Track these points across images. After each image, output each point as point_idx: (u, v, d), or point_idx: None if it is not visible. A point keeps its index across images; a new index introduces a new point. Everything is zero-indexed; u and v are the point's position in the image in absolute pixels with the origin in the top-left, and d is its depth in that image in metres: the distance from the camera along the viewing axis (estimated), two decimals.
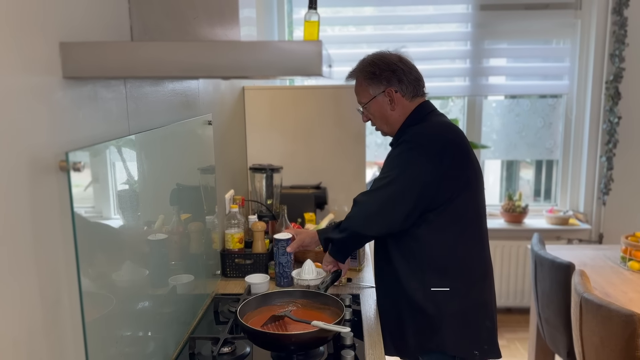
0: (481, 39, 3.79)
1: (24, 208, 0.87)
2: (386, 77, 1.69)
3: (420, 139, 1.63)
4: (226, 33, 1.19)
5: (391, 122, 1.74)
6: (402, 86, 1.70)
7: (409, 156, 1.62)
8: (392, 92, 1.69)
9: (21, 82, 0.86)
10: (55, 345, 0.97)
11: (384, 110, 1.72)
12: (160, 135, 1.42)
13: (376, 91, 1.71)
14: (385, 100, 1.71)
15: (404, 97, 1.71)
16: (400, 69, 1.70)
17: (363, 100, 1.75)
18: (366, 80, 1.72)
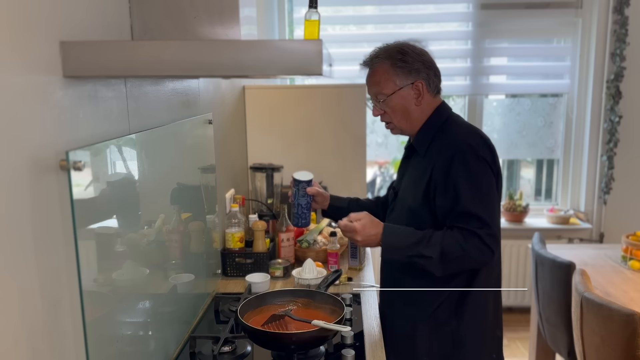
0: (482, 38, 3.79)
1: (25, 207, 0.87)
2: (417, 68, 1.54)
3: (478, 146, 1.50)
4: (226, 32, 1.18)
5: (413, 119, 1.58)
6: (429, 80, 1.57)
7: (478, 167, 1.49)
8: (421, 85, 1.55)
9: (22, 81, 0.86)
10: (56, 344, 0.97)
11: (408, 104, 1.56)
12: (161, 134, 1.42)
13: (404, 82, 1.54)
14: (411, 93, 1.55)
15: (429, 93, 1.58)
16: (430, 61, 1.58)
17: (385, 91, 1.55)
18: (394, 69, 1.54)
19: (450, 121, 1.59)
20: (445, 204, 1.49)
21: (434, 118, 1.59)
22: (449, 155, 1.49)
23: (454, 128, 1.57)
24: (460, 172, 1.47)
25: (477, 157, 1.48)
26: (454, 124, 1.58)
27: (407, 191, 1.64)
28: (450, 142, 1.52)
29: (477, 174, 1.48)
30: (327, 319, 1.45)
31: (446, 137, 1.54)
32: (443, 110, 1.61)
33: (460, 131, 1.56)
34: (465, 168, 1.47)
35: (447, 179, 1.48)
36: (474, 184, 1.47)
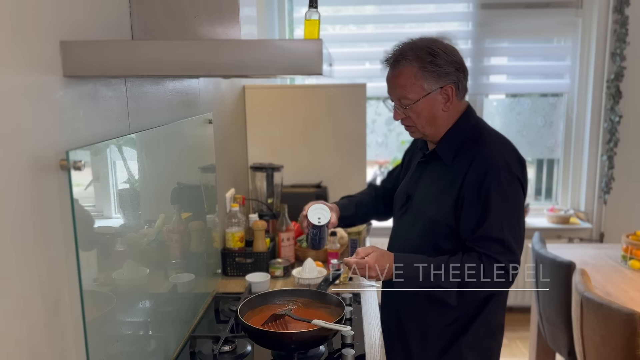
0: (482, 38, 3.78)
1: (25, 207, 0.88)
2: (448, 71, 1.42)
3: (513, 163, 1.43)
4: (226, 32, 1.18)
5: (439, 125, 1.48)
6: (459, 84, 1.46)
7: (510, 188, 1.41)
8: (451, 90, 1.44)
9: (22, 80, 0.86)
10: (56, 343, 0.97)
11: (435, 110, 1.45)
12: (161, 134, 1.42)
13: (432, 87, 1.42)
14: (439, 98, 1.44)
15: (457, 97, 1.48)
16: (460, 62, 1.47)
17: (411, 96, 1.43)
18: (422, 72, 1.41)
19: (479, 129, 1.50)
20: (470, 222, 1.41)
21: (460, 124, 1.49)
22: (482, 170, 1.40)
23: (487, 139, 1.48)
24: (493, 192, 1.39)
25: (511, 175, 1.40)
26: (486, 134, 1.50)
27: (428, 200, 1.52)
28: (484, 156, 1.42)
29: (509, 195, 1.41)
30: (327, 319, 1.45)
31: (478, 148, 1.45)
32: (470, 115, 1.52)
33: (495, 143, 1.47)
34: (498, 188, 1.39)
35: (478, 196, 1.40)
36: (504, 206, 1.40)
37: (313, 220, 1.59)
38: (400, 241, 1.63)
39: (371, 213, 1.86)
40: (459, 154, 1.47)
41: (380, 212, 1.84)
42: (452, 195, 1.44)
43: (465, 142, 1.47)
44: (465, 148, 1.46)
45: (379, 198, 1.84)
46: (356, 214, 1.78)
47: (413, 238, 1.55)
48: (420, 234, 1.52)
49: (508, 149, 1.47)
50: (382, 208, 1.82)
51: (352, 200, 1.83)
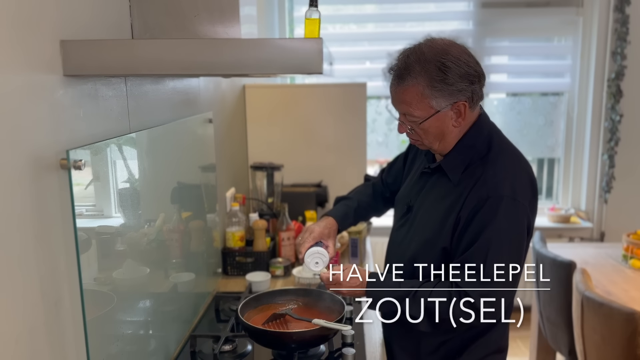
0: (482, 37, 3.78)
1: (25, 206, 0.87)
2: (460, 87, 1.25)
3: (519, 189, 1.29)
4: (227, 31, 1.18)
5: (448, 141, 1.33)
6: (474, 97, 1.29)
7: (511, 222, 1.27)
8: (463, 107, 1.28)
9: (22, 79, 0.86)
10: (57, 343, 0.97)
11: (444, 126, 1.30)
12: (161, 133, 1.42)
13: (442, 104, 1.26)
14: (449, 115, 1.29)
15: (471, 109, 1.31)
16: (475, 74, 1.27)
17: (417, 114, 1.28)
18: (431, 90, 1.25)
19: (490, 142, 1.36)
20: (457, 243, 1.31)
21: (470, 136, 1.34)
22: (483, 196, 1.27)
23: (496, 157, 1.33)
24: (488, 221, 1.26)
25: (514, 204, 1.27)
26: (497, 149, 1.35)
27: (428, 219, 1.41)
28: (488, 178, 1.29)
29: (507, 227, 1.28)
30: (327, 318, 1.45)
31: (484, 168, 1.31)
32: (482, 124, 1.36)
33: (504, 163, 1.33)
34: (495, 217, 1.26)
35: (471, 221, 1.28)
36: (495, 236, 1.27)
37: (310, 266, 1.51)
38: (397, 249, 1.56)
39: (370, 213, 1.80)
40: (466, 172, 1.34)
41: (379, 209, 1.79)
42: (451, 220, 1.33)
43: (473, 159, 1.33)
44: (471, 166, 1.33)
45: (377, 196, 1.74)
46: (355, 221, 1.69)
47: (410, 249, 1.47)
48: (416, 249, 1.44)
49: (518, 170, 1.33)
50: (381, 206, 1.74)
51: (349, 207, 1.71)
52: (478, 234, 1.27)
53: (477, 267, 1.26)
